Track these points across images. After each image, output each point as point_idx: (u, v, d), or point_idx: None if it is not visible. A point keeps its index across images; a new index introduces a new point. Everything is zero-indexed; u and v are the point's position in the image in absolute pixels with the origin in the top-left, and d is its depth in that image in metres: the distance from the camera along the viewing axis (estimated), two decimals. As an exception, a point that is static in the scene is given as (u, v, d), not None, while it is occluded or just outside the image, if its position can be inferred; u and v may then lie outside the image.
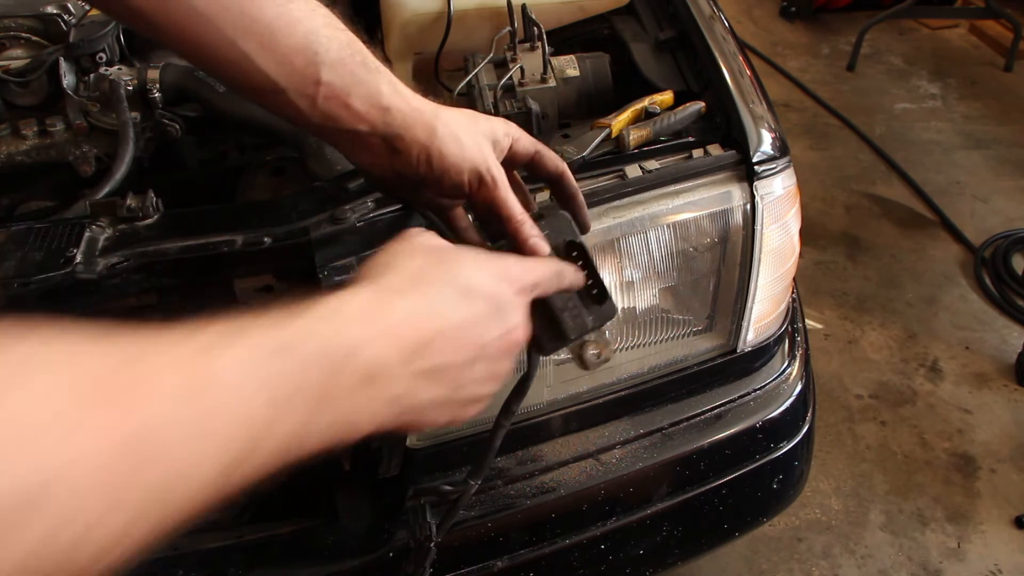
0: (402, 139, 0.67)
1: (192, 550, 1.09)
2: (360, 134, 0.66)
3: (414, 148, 0.67)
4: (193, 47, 0.61)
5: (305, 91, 0.63)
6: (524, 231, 0.69)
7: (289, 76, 0.63)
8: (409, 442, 1.06)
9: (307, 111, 0.65)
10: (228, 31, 0.60)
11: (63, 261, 0.85)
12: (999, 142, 3.41)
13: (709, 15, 1.24)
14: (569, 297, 0.70)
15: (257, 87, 0.63)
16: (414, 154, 0.68)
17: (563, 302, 0.70)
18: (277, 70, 0.62)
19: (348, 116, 0.65)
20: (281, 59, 0.62)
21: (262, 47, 0.61)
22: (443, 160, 0.68)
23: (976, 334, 2.49)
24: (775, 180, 1.08)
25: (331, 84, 0.64)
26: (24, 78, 1.12)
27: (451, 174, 0.68)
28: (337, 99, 0.64)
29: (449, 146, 0.68)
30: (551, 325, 0.70)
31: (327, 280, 0.91)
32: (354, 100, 0.65)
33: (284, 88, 0.63)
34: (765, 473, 1.25)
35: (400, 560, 1.06)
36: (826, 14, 4.45)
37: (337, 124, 0.66)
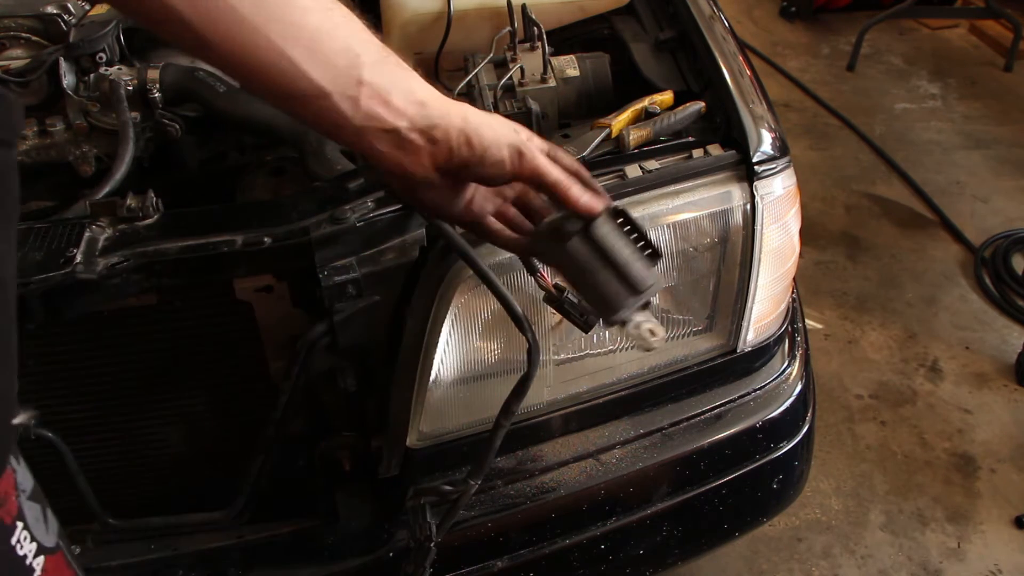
0: (439, 127, 0.69)
1: (192, 550, 1.09)
2: (400, 131, 0.68)
3: (452, 132, 0.70)
4: (238, 57, 0.62)
5: (348, 92, 0.65)
6: (574, 193, 0.73)
7: (334, 79, 0.64)
8: (409, 442, 1.06)
9: (350, 113, 0.66)
10: (275, 38, 0.61)
11: (63, 261, 0.85)
12: (999, 142, 3.40)
13: (709, 15, 1.24)
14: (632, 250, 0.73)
15: (301, 93, 0.65)
16: (453, 138, 0.70)
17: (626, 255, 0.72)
18: (322, 74, 0.64)
19: (389, 114, 0.67)
20: (326, 62, 0.64)
21: (309, 52, 0.63)
22: (482, 138, 0.70)
23: (976, 334, 2.49)
24: (775, 180, 1.08)
25: (372, 84, 0.66)
26: (24, 78, 1.12)
27: (492, 151, 0.71)
28: (379, 97, 0.67)
29: (484, 126, 0.71)
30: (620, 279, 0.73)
31: (327, 280, 0.91)
32: (394, 97, 0.67)
33: (329, 92, 0.65)
34: (765, 473, 1.25)
35: (400, 560, 1.06)
36: (826, 14, 4.45)
37: (379, 123, 0.67)
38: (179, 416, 1.09)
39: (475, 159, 0.71)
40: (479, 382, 1.06)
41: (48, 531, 0.72)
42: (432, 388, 1.02)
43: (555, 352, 1.08)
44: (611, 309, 0.75)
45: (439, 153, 0.70)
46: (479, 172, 0.72)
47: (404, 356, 1.01)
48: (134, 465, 1.12)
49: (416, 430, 1.05)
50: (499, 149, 0.71)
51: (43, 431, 0.98)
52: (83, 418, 1.05)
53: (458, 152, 0.70)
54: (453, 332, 1.00)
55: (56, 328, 0.96)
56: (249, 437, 1.07)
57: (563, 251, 0.74)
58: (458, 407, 1.07)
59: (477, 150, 0.70)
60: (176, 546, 1.09)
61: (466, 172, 0.73)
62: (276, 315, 1.03)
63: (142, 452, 1.11)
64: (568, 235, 0.74)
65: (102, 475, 1.09)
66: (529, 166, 0.73)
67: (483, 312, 1.01)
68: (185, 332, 1.03)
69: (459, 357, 1.03)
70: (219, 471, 1.14)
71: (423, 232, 0.94)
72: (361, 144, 0.69)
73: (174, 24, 0.60)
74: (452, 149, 0.70)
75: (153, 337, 1.02)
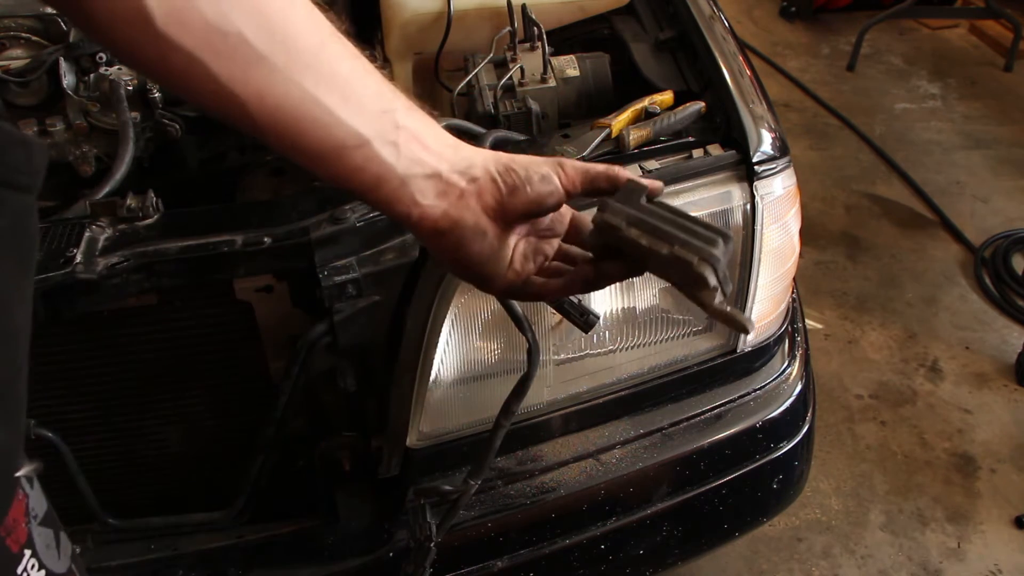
0: (476, 165, 0.68)
1: (192, 550, 1.09)
2: (442, 175, 0.66)
3: (490, 165, 0.68)
4: (269, 110, 0.59)
5: (388, 137, 0.63)
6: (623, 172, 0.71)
7: (371, 123, 0.62)
8: (409, 442, 1.06)
9: (392, 160, 0.63)
10: (310, 87, 0.59)
11: (63, 261, 0.85)
12: (999, 142, 3.40)
13: (709, 15, 1.24)
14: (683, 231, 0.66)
15: (340, 144, 0.61)
16: (493, 169, 0.68)
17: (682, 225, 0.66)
18: (360, 120, 0.62)
19: (430, 157, 0.65)
20: (361, 108, 0.62)
21: (345, 99, 0.61)
22: (519, 162, 0.68)
23: (976, 334, 2.49)
24: (775, 180, 1.08)
25: (408, 128, 0.64)
26: (24, 78, 1.12)
27: (533, 168, 0.68)
28: (418, 141, 0.64)
29: (518, 155, 0.70)
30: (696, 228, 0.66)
31: (327, 280, 0.91)
32: (429, 141, 0.65)
33: (369, 138, 0.62)
34: (765, 473, 1.25)
35: (400, 560, 1.06)
36: (826, 14, 4.45)
37: (422, 168, 0.65)
38: (179, 416, 1.09)
39: (521, 180, 0.68)
40: (479, 382, 1.06)
41: (60, 556, 0.72)
42: (432, 388, 1.03)
43: (555, 352, 1.08)
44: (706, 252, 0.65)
45: (484, 191, 0.68)
46: (529, 196, 0.68)
47: (404, 356, 1.01)
48: (134, 465, 1.12)
49: (416, 430, 1.05)
50: (539, 167, 0.69)
51: (43, 431, 0.98)
52: (83, 418, 1.05)
53: (503, 180, 0.68)
54: (453, 332, 1.00)
55: (56, 328, 0.96)
56: (249, 437, 1.07)
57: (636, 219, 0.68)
58: (458, 407, 1.07)
59: (520, 172, 0.68)
60: (176, 546, 1.09)
61: (517, 200, 0.68)
62: (276, 315, 1.03)
63: (142, 452, 1.11)
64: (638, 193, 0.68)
65: (102, 475, 1.09)
66: (575, 171, 0.70)
67: (483, 312, 1.01)
68: (185, 332, 1.03)
69: (459, 357, 1.03)
70: (219, 471, 1.14)
71: (423, 232, 0.94)
72: (405, 200, 0.65)
73: (202, 80, 0.56)
74: (495, 179, 0.68)
75: (153, 337, 1.02)
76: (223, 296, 1.00)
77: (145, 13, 0.52)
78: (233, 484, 1.09)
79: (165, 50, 0.54)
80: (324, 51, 0.60)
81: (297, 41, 0.58)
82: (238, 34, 0.55)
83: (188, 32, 0.54)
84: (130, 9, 0.52)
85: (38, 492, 0.70)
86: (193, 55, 0.55)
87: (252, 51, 0.56)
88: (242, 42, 0.55)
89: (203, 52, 0.55)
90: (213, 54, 0.55)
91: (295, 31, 0.58)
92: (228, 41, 0.55)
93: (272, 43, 0.57)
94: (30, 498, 0.68)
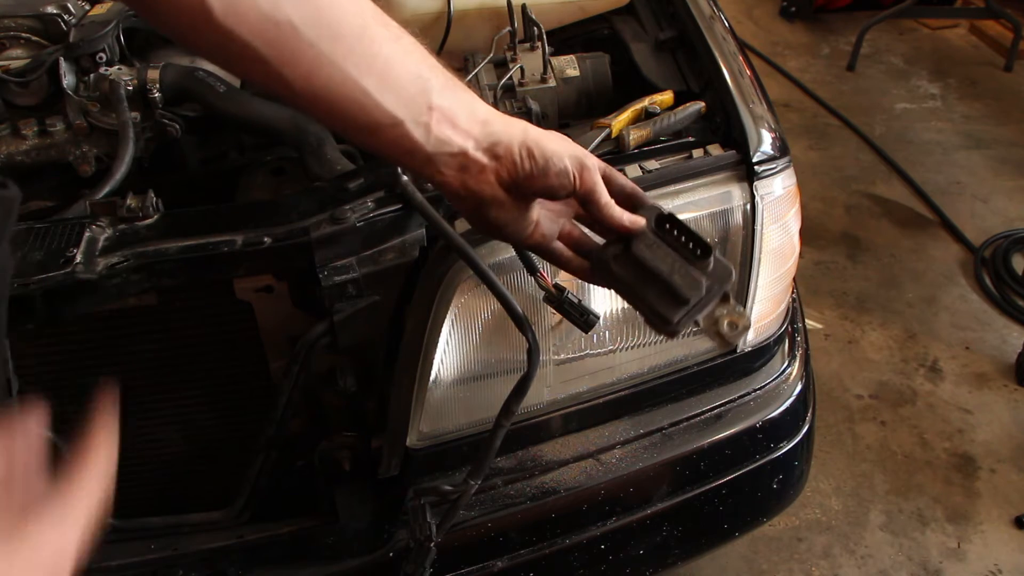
0: (501, 143, 0.71)
1: (192, 550, 1.09)
2: (467, 153, 0.70)
3: (515, 146, 0.71)
4: (318, 93, 0.63)
5: (420, 119, 0.66)
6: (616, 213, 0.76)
7: (407, 105, 0.66)
8: (409, 442, 1.06)
9: (422, 140, 0.67)
10: (352, 70, 0.63)
11: (63, 261, 0.85)
12: (999, 142, 3.40)
13: (709, 15, 1.24)
14: (673, 260, 0.73)
15: (376, 123, 0.66)
16: (516, 150, 0.71)
17: (668, 266, 0.73)
18: (395, 101, 0.65)
19: (457, 136, 0.69)
20: (399, 90, 0.65)
21: (383, 81, 0.64)
22: (543, 149, 0.72)
23: (976, 334, 2.49)
24: (775, 180, 1.08)
25: (441, 108, 0.67)
26: (24, 78, 1.12)
27: (554, 160, 0.72)
28: (448, 121, 0.68)
29: (544, 138, 0.73)
30: (665, 291, 0.73)
31: (327, 280, 0.91)
32: (460, 119, 0.69)
33: (402, 119, 0.66)
34: (765, 473, 1.25)
35: (400, 560, 1.06)
36: (826, 14, 4.45)
37: (448, 148, 0.69)
38: (179, 416, 1.09)
39: (539, 170, 0.72)
40: (479, 382, 1.06)
41: None
42: (432, 388, 1.02)
43: (555, 352, 1.08)
44: (662, 322, 0.75)
45: (503, 168, 0.72)
46: (544, 183, 0.73)
47: (404, 356, 1.01)
48: (134, 465, 1.11)
49: (416, 430, 1.05)
50: (561, 159, 0.72)
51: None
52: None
53: (522, 165, 0.72)
54: (453, 332, 1.00)
55: (56, 328, 0.96)
56: (249, 437, 1.07)
57: (611, 275, 0.76)
58: (458, 407, 1.07)
59: (540, 161, 0.72)
60: (176, 546, 1.09)
61: (531, 185, 0.73)
62: (276, 315, 1.03)
63: (142, 452, 1.11)
64: (608, 259, 0.76)
65: (102, 475, 1.09)
66: (589, 180, 0.74)
67: (483, 312, 1.01)
68: (185, 332, 1.03)
69: (459, 357, 1.03)
70: (219, 471, 1.14)
71: (423, 232, 0.94)
72: (430, 169, 0.70)
73: (254, 63, 0.61)
74: (516, 163, 0.71)
75: (153, 337, 1.02)
76: (223, 296, 1.00)
77: (206, 6, 0.57)
78: (233, 484, 1.09)
79: (223, 38, 0.59)
80: (366, 35, 0.64)
81: (341, 26, 0.62)
82: (288, 22, 0.60)
83: (244, 22, 0.58)
84: (192, 3, 0.57)
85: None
86: (247, 42, 0.59)
87: (301, 38, 0.60)
88: (292, 30, 0.60)
89: (256, 40, 0.59)
90: (265, 41, 0.60)
91: (340, 16, 0.62)
92: (280, 29, 0.60)
93: (319, 30, 0.61)
94: None
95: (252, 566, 1.08)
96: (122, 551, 1.09)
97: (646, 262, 0.75)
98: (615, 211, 0.76)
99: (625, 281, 0.76)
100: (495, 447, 0.93)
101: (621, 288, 0.77)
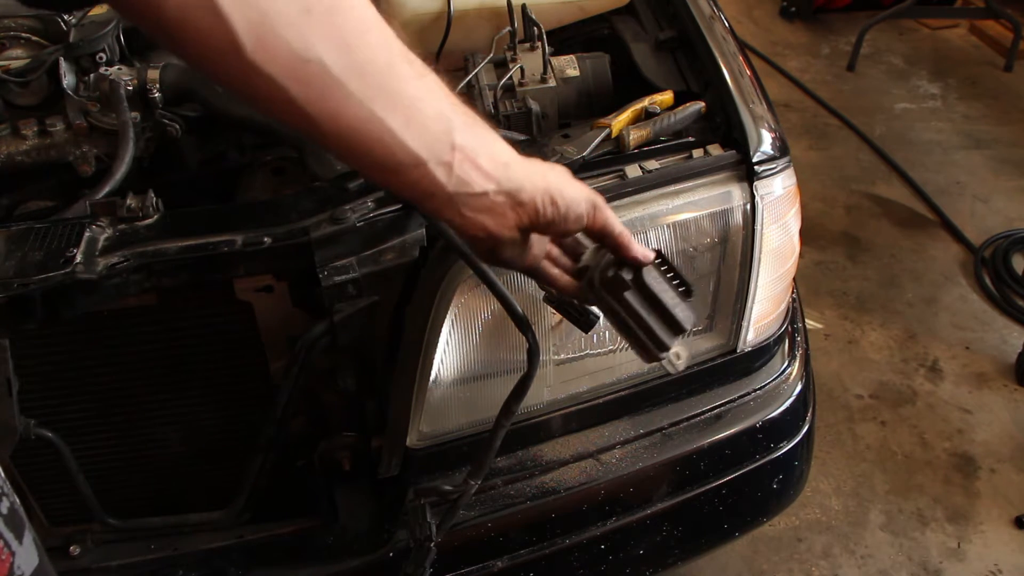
0: (525, 190, 0.71)
1: (192, 550, 1.09)
2: (488, 195, 0.69)
3: (537, 194, 0.71)
4: (343, 132, 0.62)
5: (443, 159, 0.66)
6: (634, 245, 0.79)
7: (430, 145, 0.65)
8: (409, 442, 1.06)
9: (444, 180, 0.66)
10: (378, 109, 0.62)
11: (63, 261, 0.85)
12: (999, 142, 3.40)
13: (709, 15, 1.24)
14: (674, 294, 0.82)
15: (398, 163, 0.65)
16: (538, 200, 0.72)
17: (671, 299, 0.81)
18: (419, 141, 0.64)
19: (479, 177, 0.68)
20: (423, 130, 0.64)
21: (408, 120, 0.63)
22: (564, 197, 0.73)
23: (976, 334, 2.49)
24: (775, 180, 1.08)
25: (464, 147, 0.67)
26: (24, 78, 1.12)
27: (574, 208, 0.74)
28: (470, 162, 0.67)
29: (565, 186, 0.74)
30: (667, 321, 0.82)
31: (327, 280, 0.91)
32: (482, 160, 0.68)
33: (425, 159, 0.65)
34: (765, 473, 1.25)
35: (400, 560, 1.06)
36: (826, 14, 4.44)
37: (469, 189, 0.68)
38: (179, 416, 1.09)
39: (560, 217, 0.73)
40: (479, 382, 1.06)
41: None
42: (432, 388, 1.02)
43: (555, 352, 1.08)
44: (657, 348, 0.83)
45: (525, 215, 0.72)
46: (562, 228, 0.75)
47: (404, 356, 1.01)
48: (134, 465, 1.12)
49: (416, 430, 1.05)
50: (579, 205, 0.74)
51: (43, 431, 0.98)
52: (83, 418, 1.05)
53: (544, 212, 0.72)
54: (453, 332, 1.00)
55: (56, 328, 0.96)
56: (249, 437, 1.07)
57: (619, 300, 0.81)
58: (458, 407, 1.07)
59: (562, 209, 0.73)
60: (176, 546, 1.09)
61: (549, 230, 0.75)
62: (276, 315, 1.03)
63: (142, 452, 1.11)
64: (624, 285, 0.80)
65: (102, 475, 1.09)
66: (602, 218, 0.77)
67: (483, 312, 1.01)
68: (185, 332, 1.03)
69: (459, 357, 1.03)
70: (219, 471, 1.14)
71: (423, 232, 0.94)
72: (450, 211, 0.69)
73: (281, 101, 0.59)
74: (538, 211, 0.72)
75: (153, 337, 1.02)
76: (223, 296, 1.00)
77: (237, 44, 0.55)
78: (233, 484, 1.09)
79: (251, 75, 0.57)
80: (392, 72, 0.63)
81: (370, 65, 0.61)
82: (319, 61, 0.58)
83: (274, 59, 0.57)
84: (223, 40, 0.55)
85: (28, 547, 0.69)
86: (276, 80, 0.58)
87: (329, 76, 0.59)
88: (321, 68, 0.59)
89: (285, 78, 0.58)
90: (295, 80, 0.58)
91: (369, 55, 0.61)
92: (309, 68, 0.58)
93: (349, 69, 0.60)
94: (17, 555, 0.67)
95: (252, 566, 1.08)
96: (122, 551, 1.09)
97: (655, 291, 0.80)
98: (632, 242, 0.79)
99: (631, 306, 0.81)
100: (495, 447, 0.93)
101: (624, 311, 0.81)
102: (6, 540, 0.65)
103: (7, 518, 0.66)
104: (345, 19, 0.59)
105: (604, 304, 0.82)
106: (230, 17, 0.54)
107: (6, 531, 0.66)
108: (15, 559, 0.67)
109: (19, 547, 0.68)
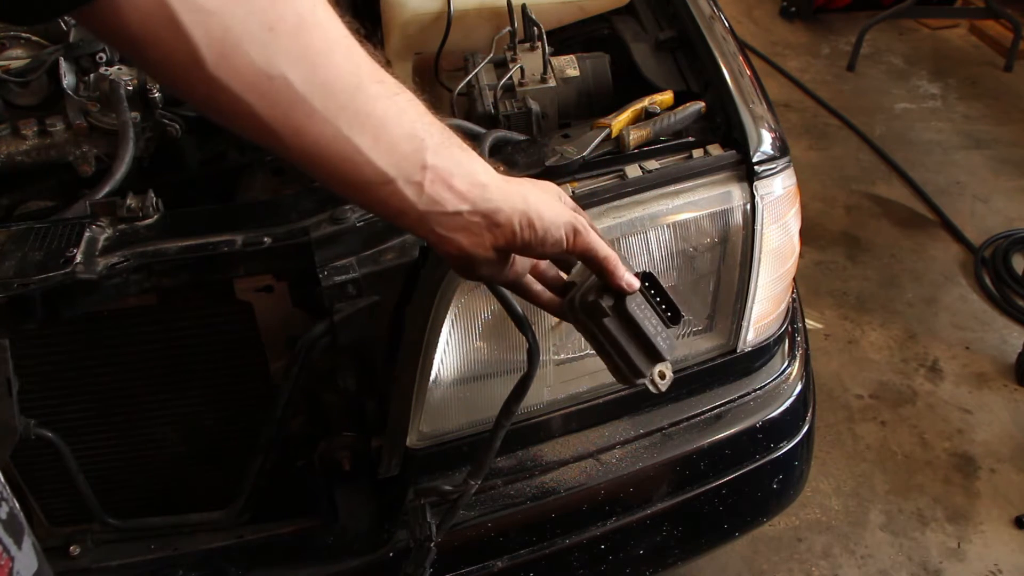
0: (502, 212, 0.70)
1: (192, 550, 1.09)
2: (462, 215, 0.69)
3: (515, 216, 0.71)
4: (308, 148, 0.62)
5: (413, 178, 0.65)
6: (620, 270, 0.77)
7: (399, 164, 0.64)
8: (409, 442, 1.06)
9: (413, 199, 0.66)
10: (344, 127, 0.61)
11: (63, 261, 0.85)
12: (999, 142, 3.40)
13: (709, 15, 1.24)
14: (657, 322, 0.79)
15: (366, 180, 0.64)
16: (516, 221, 0.71)
17: (653, 327, 0.79)
18: (387, 160, 0.64)
19: (452, 197, 0.68)
20: (391, 149, 0.64)
21: (376, 140, 0.63)
22: (543, 219, 0.72)
23: (976, 334, 2.49)
24: (775, 180, 1.08)
25: (436, 168, 0.66)
26: (24, 78, 1.12)
27: (552, 231, 0.73)
28: (442, 182, 0.67)
29: (544, 205, 0.73)
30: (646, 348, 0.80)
31: (327, 280, 0.91)
32: (456, 180, 0.67)
33: (393, 178, 0.65)
34: (765, 473, 1.25)
35: (400, 560, 1.06)
36: (826, 14, 4.44)
37: (441, 208, 0.68)
38: (179, 416, 1.09)
39: (537, 241, 0.72)
40: (479, 382, 1.06)
41: None
42: (432, 388, 1.02)
43: (555, 352, 1.08)
44: (634, 374, 0.81)
45: (501, 236, 0.71)
46: (540, 251, 0.74)
47: (404, 356, 1.01)
48: (134, 465, 1.12)
49: (416, 430, 1.05)
50: (558, 229, 0.73)
51: (43, 431, 0.98)
52: (83, 418, 1.05)
53: (521, 235, 0.71)
54: (453, 332, 1.00)
55: (56, 328, 0.96)
56: (249, 437, 1.07)
57: (598, 325, 0.79)
58: (458, 407, 1.07)
59: (539, 232, 0.72)
60: (176, 546, 1.09)
61: (526, 252, 0.74)
62: (276, 315, 1.03)
63: (142, 452, 1.11)
64: (603, 312, 0.78)
65: (102, 475, 1.09)
66: (583, 242, 0.75)
67: (483, 312, 1.01)
68: (185, 332, 1.03)
69: (459, 357, 1.03)
70: (219, 471, 1.14)
71: (423, 232, 0.94)
72: (423, 229, 0.69)
73: (245, 117, 0.59)
74: (515, 233, 0.71)
75: (153, 337, 1.02)
76: (223, 296, 1.00)
77: (198, 58, 0.55)
78: (233, 484, 1.09)
79: (214, 90, 0.57)
80: (360, 93, 0.62)
81: (336, 83, 0.61)
82: (282, 77, 0.58)
83: (236, 75, 0.57)
84: (185, 55, 0.54)
85: (27, 552, 0.69)
86: (239, 96, 0.57)
87: (294, 93, 0.59)
88: (285, 85, 0.58)
89: (248, 93, 0.58)
90: (258, 96, 0.58)
91: (335, 73, 0.61)
92: (273, 84, 0.58)
93: (313, 86, 0.59)
94: (17, 560, 0.67)
95: (252, 566, 1.08)
96: (122, 551, 1.09)
97: (637, 320, 0.79)
98: (619, 269, 0.77)
99: (609, 333, 0.79)
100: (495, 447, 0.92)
101: (603, 336, 0.80)
102: (5, 545, 0.65)
103: (6, 523, 0.66)
104: (311, 37, 0.59)
105: (582, 326, 0.82)
106: (191, 33, 0.53)
107: (5, 536, 0.66)
108: (14, 564, 0.67)
109: (18, 552, 0.68)
